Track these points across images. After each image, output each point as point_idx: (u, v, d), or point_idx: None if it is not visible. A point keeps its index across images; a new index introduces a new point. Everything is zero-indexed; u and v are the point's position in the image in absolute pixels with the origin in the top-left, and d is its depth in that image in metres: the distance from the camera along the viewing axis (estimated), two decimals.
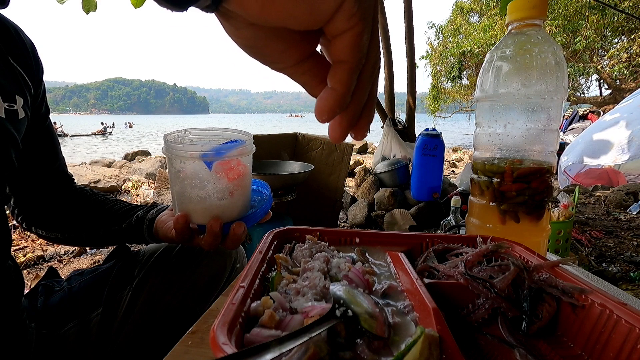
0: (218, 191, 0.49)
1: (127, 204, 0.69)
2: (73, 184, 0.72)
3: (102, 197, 0.71)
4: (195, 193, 0.49)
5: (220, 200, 0.50)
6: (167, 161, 0.51)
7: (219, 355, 0.22)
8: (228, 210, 0.51)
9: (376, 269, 0.42)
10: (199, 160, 0.47)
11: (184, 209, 0.51)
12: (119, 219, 0.65)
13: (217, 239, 0.51)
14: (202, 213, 0.50)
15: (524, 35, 0.55)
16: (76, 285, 0.67)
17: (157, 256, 0.70)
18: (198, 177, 0.49)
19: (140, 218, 0.64)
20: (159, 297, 0.67)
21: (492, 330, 0.34)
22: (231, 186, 0.50)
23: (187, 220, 0.51)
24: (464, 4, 13.14)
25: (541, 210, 0.57)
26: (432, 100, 13.59)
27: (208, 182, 0.49)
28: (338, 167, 2.21)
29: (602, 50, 9.80)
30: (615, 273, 1.52)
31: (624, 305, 0.30)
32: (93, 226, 0.66)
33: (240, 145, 0.49)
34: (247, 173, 0.52)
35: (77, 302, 0.65)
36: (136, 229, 0.63)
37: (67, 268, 2.04)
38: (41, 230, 0.68)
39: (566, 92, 0.54)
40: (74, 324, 0.63)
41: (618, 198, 2.50)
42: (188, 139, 0.53)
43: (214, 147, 0.48)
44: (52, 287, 0.67)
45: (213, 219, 0.50)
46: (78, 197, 0.69)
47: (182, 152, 0.47)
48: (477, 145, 0.62)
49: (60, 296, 0.66)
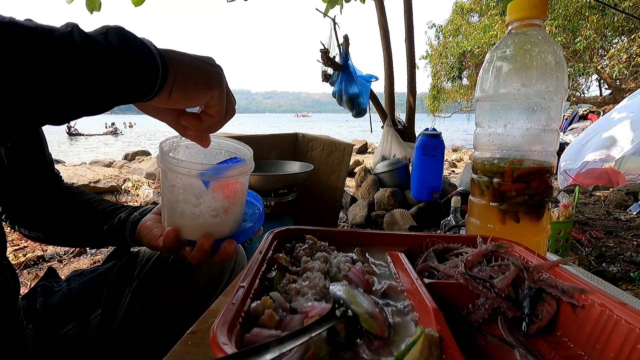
0: (213, 209, 0.47)
1: (111, 205, 0.67)
2: (60, 183, 0.70)
3: (87, 196, 0.69)
4: (189, 209, 0.47)
5: (213, 218, 0.48)
6: (161, 172, 0.49)
7: (219, 355, 0.22)
8: (221, 227, 0.49)
9: (376, 269, 0.42)
10: (196, 179, 0.45)
11: (175, 223, 0.49)
12: (102, 220, 0.63)
13: (207, 256, 0.50)
14: (193, 229, 0.48)
15: (524, 35, 0.55)
16: (75, 286, 0.67)
17: (157, 258, 0.69)
18: (193, 193, 0.46)
19: (122, 221, 0.61)
20: (158, 300, 0.66)
21: (492, 330, 0.34)
22: (226, 204, 0.48)
23: (178, 236, 0.49)
24: (464, 4, 13.14)
25: (541, 210, 0.57)
26: (432, 100, 13.59)
27: (203, 200, 0.47)
28: (338, 167, 2.21)
29: (602, 50, 9.80)
30: (615, 273, 1.52)
31: (624, 305, 0.30)
32: (75, 227, 0.64)
33: (241, 165, 0.47)
34: (243, 191, 0.50)
35: (77, 303, 0.64)
36: (118, 231, 0.61)
37: (67, 268, 2.04)
38: (24, 229, 0.66)
39: (566, 92, 0.54)
40: (73, 325, 0.62)
41: (618, 198, 2.50)
42: (183, 145, 0.51)
43: (213, 167, 0.46)
44: (52, 287, 0.67)
45: (204, 237, 0.48)
46: (63, 197, 0.67)
47: (178, 169, 0.45)
48: (477, 145, 0.62)
49: (59, 297, 0.65)
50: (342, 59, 3.05)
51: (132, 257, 0.71)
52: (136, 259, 0.70)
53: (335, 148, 2.19)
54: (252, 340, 0.27)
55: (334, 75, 3.15)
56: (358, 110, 3.13)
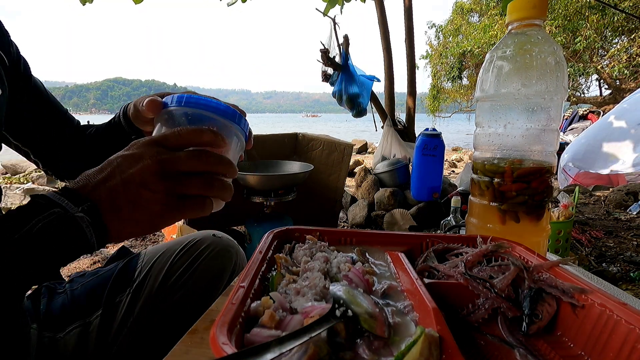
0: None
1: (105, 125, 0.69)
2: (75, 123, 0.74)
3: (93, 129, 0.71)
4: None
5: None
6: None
7: (219, 355, 0.22)
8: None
9: (376, 269, 0.42)
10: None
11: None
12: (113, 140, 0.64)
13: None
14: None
15: (524, 35, 0.55)
16: (78, 287, 0.67)
17: (157, 259, 0.70)
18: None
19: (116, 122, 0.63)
20: (158, 300, 0.66)
21: (492, 330, 0.34)
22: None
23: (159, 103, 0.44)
24: (464, 4, 13.12)
25: (541, 210, 0.57)
26: (432, 100, 13.57)
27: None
28: (338, 167, 2.21)
29: (602, 50, 9.78)
30: (615, 273, 1.52)
31: (624, 305, 0.30)
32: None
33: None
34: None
35: (79, 304, 0.65)
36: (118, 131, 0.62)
37: (68, 268, 2.04)
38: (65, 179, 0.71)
39: (566, 92, 0.54)
40: (75, 326, 0.63)
41: (618, 198, 2.50)
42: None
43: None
44: (55, 289, 0.67)
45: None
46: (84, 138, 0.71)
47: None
48: (477, 145, 0.62)
49: (62, 299, 0.66)
50: (342, 59, 3.05)
51: (133, 258, 0.72)
52: (137, 261, 0.71)
53: (335, 148, 2.19)
54: (252, 340, 0.27)
55: (334, 75, 3.15)
56: (358, 110, 3.13)
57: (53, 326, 0.62)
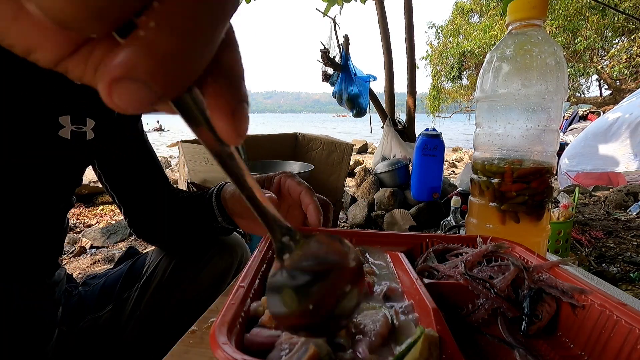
0: None
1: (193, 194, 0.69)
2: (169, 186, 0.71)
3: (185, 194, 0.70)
4: None
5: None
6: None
7: (218, 355, 0.22)
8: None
9: (376, 269, 0.42)
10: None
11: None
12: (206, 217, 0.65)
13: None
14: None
15: (524, 35, 0.55)
16: (90, 288, 0.71)
17: (164, 255, 0.72)
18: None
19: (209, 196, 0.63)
20: (165, 296, 0.69)
21: (492, 330, 0.34)
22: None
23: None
24: (464, 4, 13.13)
25: (541, 210, 0.57)
26: (432, 100, 13.57)
27: None
28: (338, 167, 2.21)
29: (602, 51, 9.78)
30: (615, 273, 1.52)
31: (624, 305, 0.30)
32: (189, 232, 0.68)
33: None
34: None
35: (92, 301, 0.68)
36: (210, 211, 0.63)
37: (68, 267, 2.04)
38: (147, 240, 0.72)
39: (566, 93, 0.54)
40: (87, 320, 0.66)
41: (618, 198, 2.50)
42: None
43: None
44: (71, 291, 0.70)
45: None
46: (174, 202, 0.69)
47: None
48: (477, 145, 0.62)
49: (77, 298, 0.69)
50: (342, 59, 3.05)
51: (141, 257, 0.75)
52: (145, 259, 0.74)
53: (335, 148, 2.19)
54: (252, 340, 0.27)
55: (334, 75, 3.15)
56: (358, 110, 3.13)
57: (68, 322, 0.65)
